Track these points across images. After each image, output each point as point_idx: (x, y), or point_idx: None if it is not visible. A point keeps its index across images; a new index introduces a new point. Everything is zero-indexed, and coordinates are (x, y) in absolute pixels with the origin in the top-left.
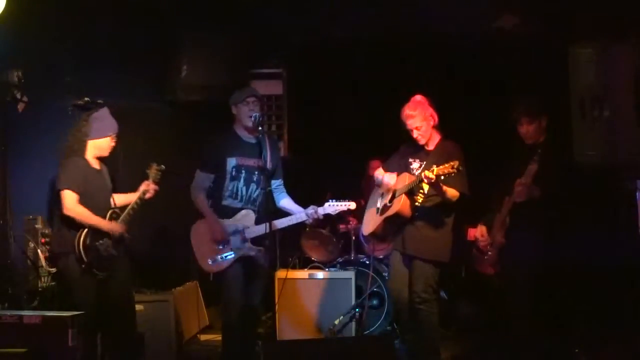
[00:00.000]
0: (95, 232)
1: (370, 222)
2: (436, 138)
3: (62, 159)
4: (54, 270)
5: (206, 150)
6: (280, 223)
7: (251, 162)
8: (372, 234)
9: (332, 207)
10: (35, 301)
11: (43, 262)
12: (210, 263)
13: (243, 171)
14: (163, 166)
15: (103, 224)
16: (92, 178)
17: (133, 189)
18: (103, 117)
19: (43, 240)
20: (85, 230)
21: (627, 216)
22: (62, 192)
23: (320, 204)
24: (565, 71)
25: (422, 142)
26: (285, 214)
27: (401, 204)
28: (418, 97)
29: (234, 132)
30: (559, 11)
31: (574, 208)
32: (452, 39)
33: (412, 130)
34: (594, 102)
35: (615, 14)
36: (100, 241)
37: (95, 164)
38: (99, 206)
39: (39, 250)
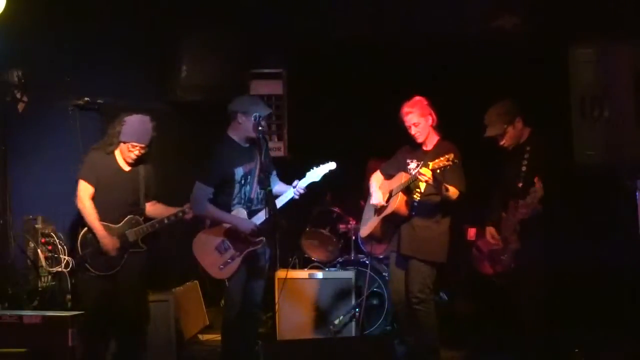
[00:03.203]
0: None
1: (368, 224)
2: (434, 139)
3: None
4: (54, 270)
5: (215, 167)
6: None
7: (252, 165)
8: (370, 236)
9: (313, 173)
10: (35, 301)
11: (43, 262)
12: (221, 269)
13: (249, 177)
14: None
15: (99, 232)
16: (113, 176)
17: None
18: (136, 123)
19: (43, 240)
20: None
21: (627, 216)
22: (78, 181)
23: (302, 176)
24: (565, 71)
25: (419, 139)
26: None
27: (397, 203)
28: (417, 97)
29: (232, 139)
30: (559, 11)
31: (574, 208)
32: (452, 39)
33: (409, 127)
34: (594, 102)
35: (615, 14)
36: None
37: (125, 165)
38: (116, 205)
39: (39, 250)
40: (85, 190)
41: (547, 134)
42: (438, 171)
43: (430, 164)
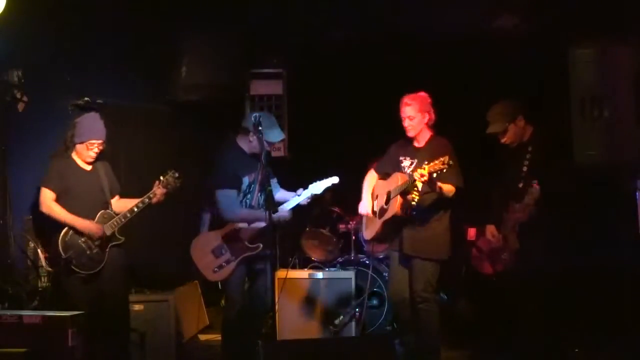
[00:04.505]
0: (78, 231)
1: (370, 226)
2: (427, 135)
3: (48, 158)
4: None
5: (229, 171)
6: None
7: (255, 175)
8: (374, 238)
9: (315, 186)
10: (35, 301)
11: (43, 262)
12: (215, 271)
13: (252, 186)
14: (177, 174)
15: (77, 223)
16: (78, 178)
17: (132, 188)
18: (87, 122)
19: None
20: (66, 228)
21: (627, 216)
22: (40, 189)
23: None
24: (565, 71)
25: (410, 133)
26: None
27: (397, 206)
28: (422, 93)
29: (241, 148)
30: (559, 11)
31: (574, 207)
32: (452, 38)
33: (404, 119)
34: (594, 102)
35: (615, 14)
36: (83, 239)
37: (85, 165)
38: (86, 206)
39: (39, 250)
40: (47, 196)
41: (549, 135)
42: (434, 174)
43: (427, 167)
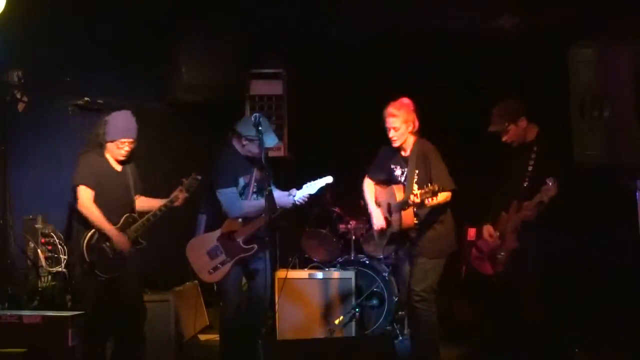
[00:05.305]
0: (103, 234)
1: (380, 234)
2: (411, 141)
3: (78, 155)
4: (54, 270)
5: (226, 170)
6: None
7: (249, 177)
8: (387, 245)
9: (310, 186)
10: (35, 301)
11: (43, 262)
12: (210, 273)
13: (246, 188)
14: (199, 177)
15: (112, 232)
16: (108, 177)
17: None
18: (118, 120)
19: (43, 240)
20: (93, 230)
21: (627, 216)
22: (77, 187)
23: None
24: (565, 71)
25: (395, 144)
26: None
27: (400, 221)
28: (405, 100)
29: (236, 149)
30: (559, 11)
31: (574, 208)
32: (451, 38)
33: (389, 129)
34: (594, 102)
35: (615, 14)
36: (107, 243)
37: (116, 165)
38: (113, 206)
39: (39, 250)
40: (87, 195)
41: (555, 135)
42: (426, 201)
43: (418, 194)
